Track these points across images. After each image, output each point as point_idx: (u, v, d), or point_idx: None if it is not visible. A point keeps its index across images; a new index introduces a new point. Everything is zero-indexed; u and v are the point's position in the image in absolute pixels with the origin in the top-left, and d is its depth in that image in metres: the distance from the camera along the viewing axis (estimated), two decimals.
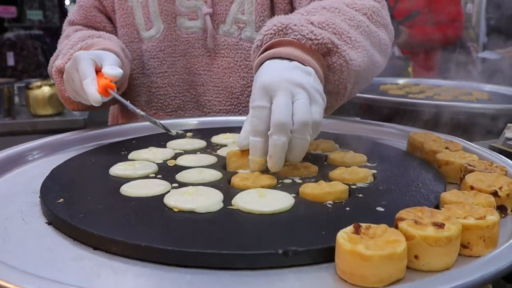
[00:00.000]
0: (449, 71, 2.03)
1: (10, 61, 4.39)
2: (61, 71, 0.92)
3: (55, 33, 5.24)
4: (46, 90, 2.34)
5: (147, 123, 0.98)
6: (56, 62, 0.94)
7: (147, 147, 0.78)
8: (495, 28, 4.25)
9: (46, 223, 0.54)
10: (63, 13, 5.60)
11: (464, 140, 0.81)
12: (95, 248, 0.47)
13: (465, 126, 1.18)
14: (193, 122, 0.99)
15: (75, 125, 2.31)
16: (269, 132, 0.60)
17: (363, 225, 0.45)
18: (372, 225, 0.45)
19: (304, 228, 0.48)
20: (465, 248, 0.46)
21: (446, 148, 0.75)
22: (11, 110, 2.37)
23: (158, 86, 1.06)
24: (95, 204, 0.54)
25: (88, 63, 0.80)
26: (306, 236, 0.47)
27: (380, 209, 0.54)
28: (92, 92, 0.77)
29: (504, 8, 2.89)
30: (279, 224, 0.49)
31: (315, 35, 0.73)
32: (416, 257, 0.43)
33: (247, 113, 0.66)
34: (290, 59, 0.69)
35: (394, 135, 0.92)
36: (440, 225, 0.43)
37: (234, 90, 1.04)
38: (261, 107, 0.62)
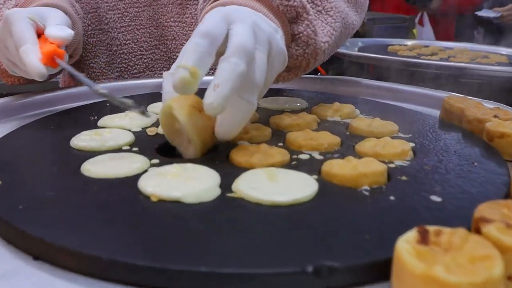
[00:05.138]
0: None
1: None
2: None
3: None
4: None
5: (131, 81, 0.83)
6: None
7: (123, 111, 0.63)
8: None
9: None
10: None
11: None
12: (36, 258, 0.33)
13: (492, 92, 1.03)
14: None
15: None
16: (223, 56, 0.43)
17: (431, 229, 0.30)
18: (444, 229, 0.30)
19: (339, 230, 0.34)
20: None
21: (495, 116, 0.60)
22: None
23: (120, 43, 0.88)
24: (44, 190, 0.39)
25: (25, 23, 0.60)
26: (344, 243, 0.32)
27: (435, 198, 0.39)
28: (33, 62, 0.57)
29: None
30: (302, 222, 0.35)
31: None
32: (510, 278, 0.29)
33: None
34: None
35: (418, 100, 0.78)
36: None
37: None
38: (217, 18, 0.46)
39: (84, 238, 0.32)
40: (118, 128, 0.56)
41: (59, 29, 0.63)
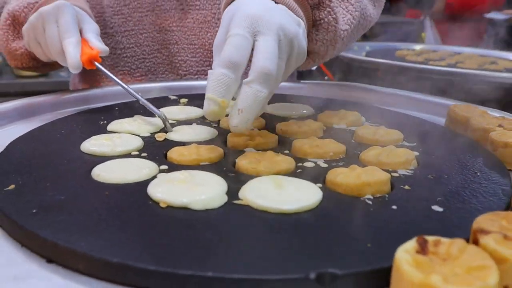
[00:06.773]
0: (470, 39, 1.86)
1: None
2: (14, 17, 0.77)
3: None
4: None
5: (139, 85, 0.84)
6: (10, 5, 0.78)
7: (132, 116, 0.64)
8: None
9: None
10: None
11: None
12: (49, 261, 0.34)
13: (500, 99, 1.04)
14: (186, 85, 0.85)
15: (61, 87, 2.13)
16: (247, 79, 0.46)
17: (430, 239, 0.31)
18: (443, 239, 0.31)
19: (342, 238, 0.35)
20: None
21: (499, 126, 0.61)
22: None
23: (124, 47, 0.90)
24: (56, 194, 0.41)
25: (73, 18, 0.68)
26: (346, 251, 0.33)
27: (437, 208, 0.40)
28: (74, 55, 0.66)
29: None
30: (306, 230, 0.36)
31: None
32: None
33: None
34: (276, 2, 0.55)
35: (424, 107, 0.78)
36: None
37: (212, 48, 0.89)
38: (242, 36, 0.48)
39: (95, 242, 0.33)
40: (127, 133, 0.57)
41: (100, 40, 0.71)
